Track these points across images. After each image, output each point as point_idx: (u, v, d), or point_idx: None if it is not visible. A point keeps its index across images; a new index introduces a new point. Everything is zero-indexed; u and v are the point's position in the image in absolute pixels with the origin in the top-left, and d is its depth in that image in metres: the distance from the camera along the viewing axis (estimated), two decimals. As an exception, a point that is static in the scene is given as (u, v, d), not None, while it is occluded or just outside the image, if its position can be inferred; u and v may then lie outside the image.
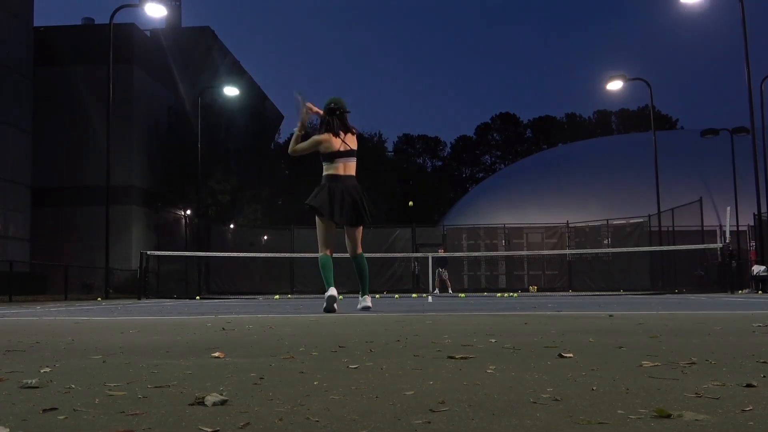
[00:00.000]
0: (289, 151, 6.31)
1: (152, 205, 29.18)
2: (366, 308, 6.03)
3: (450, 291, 20.52)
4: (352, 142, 6.09)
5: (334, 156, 5.98)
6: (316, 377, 1.69)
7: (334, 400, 1.37)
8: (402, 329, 3.45)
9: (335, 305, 5.75)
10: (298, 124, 6.22)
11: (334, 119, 6.04)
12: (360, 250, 6.20)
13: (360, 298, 6.18)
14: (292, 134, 6.33)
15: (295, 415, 1.22)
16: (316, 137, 6.09)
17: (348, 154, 6.03)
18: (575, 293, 19.40)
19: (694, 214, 19.80)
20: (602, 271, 23.89)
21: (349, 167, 6.04)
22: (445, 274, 20.98)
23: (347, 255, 6.26)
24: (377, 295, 17.61)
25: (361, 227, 6.19)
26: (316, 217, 6.07)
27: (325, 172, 6.06)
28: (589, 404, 1.29)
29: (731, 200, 22.32)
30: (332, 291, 5.82)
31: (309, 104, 6.22)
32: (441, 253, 20.68)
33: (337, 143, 5.99)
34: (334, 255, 6.14)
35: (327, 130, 6.02)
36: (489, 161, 74.66)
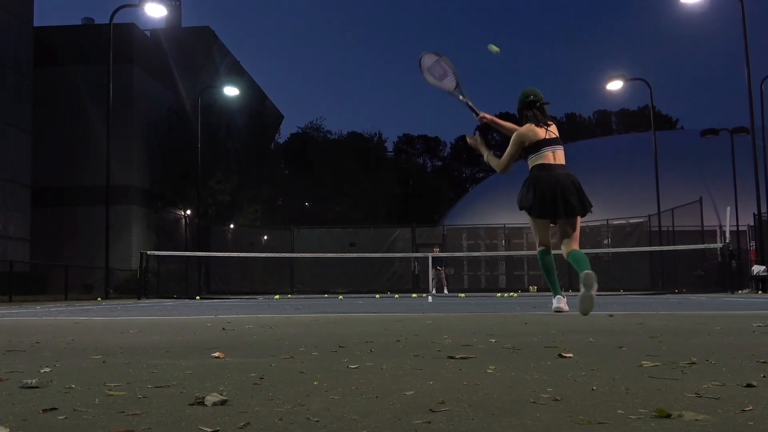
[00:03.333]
0: (499, 171, 5.80)
1: (152, 206, 29.17)
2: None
3: (446, 291, 20.30)
4: (555, 131, 5.56)
5: (541, 145, 5.41)
6: (316, 377, 1.69)
7: (334, 400, 1.37)
8: (402, 329, 3.45)
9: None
10: (481, 150, 5.86)
11: (535, 112, 5.52)
12: (577, 246, 5.35)
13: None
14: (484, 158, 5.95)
15: (295, 415, 1.22)
16: (516, 133, 5.52)
17: (555, 141, 5.48)
18: (575, 293, 19.39)
19: (694, 214, 19.80)
20: (602, 271, 23.82)
21: (558, 155, 5.46)
22: (443, 273, 20.89)
23: (346, 254, 6.04)
24: (377, 295, 17.61)
25: (579, 219, 5.42)
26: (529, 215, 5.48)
27: (532, 164, 5.45)
28: (589, 404, 1.29)
29: (731, 200, 22.31)
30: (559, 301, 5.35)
31: (483, 114, 5.83)
32: (436, 252, 20.59)
33: (541, 132, 5.43)
34: (334, 255, 5.96)
35: (527, 122, 5.50)
36: (489, 161, 74.55)
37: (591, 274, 4.91)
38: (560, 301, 5.30)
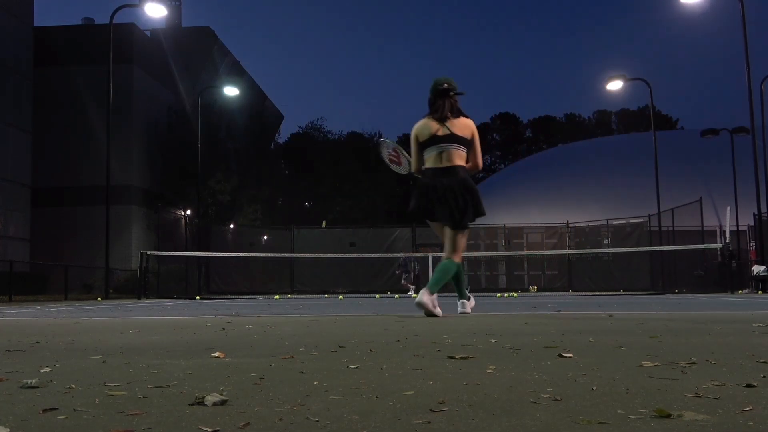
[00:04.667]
0: (413, 171, 5.20)
1: (152, 205, 29.19)
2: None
3: (411, 292, 19.97)
4: (459, 128, 4.89)
5: (431, 143, 4.86)
6: (316, 377, 1.69)
7: (334, 400, 1.37)
8: (402, 329, 3.45)
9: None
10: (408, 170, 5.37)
11: (443, 102, 4.91)
12: (457, 258, 5.02)
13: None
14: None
15: (295, 415, 1.22)
16: (413, 130, 5.04)
17: (448, 139, 4.83)
18: (575, 293, 19.41)
19: (694, 214, 19.81)
20: (602, 271, 23.89)
21: (450, 155, 4.83)
22: (406, 277, 20.54)
23: (346, 254, 5.99)
24: (377, 295, 17.60)
25: (460, 233, 4.98)
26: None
27: (423, 166, 4.99)
28: (589, 404, 1.29)
29: (731, 200, 22.32)
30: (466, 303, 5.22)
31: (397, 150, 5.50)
32: (402, 256, 20.36)
33: (434, 126, 4.86)
34: (334, 255, 5.93)
35: (430, 113, 4.98)
36: (489, 161, 74.62)
37: (464, 302, 5.24)
38: (465, 306, 5.20)
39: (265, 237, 27.24)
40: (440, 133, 4.83)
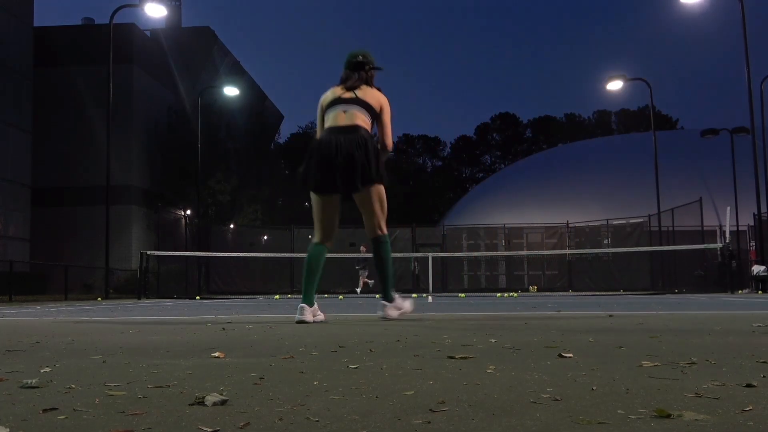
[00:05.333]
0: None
1: (152, 205, 29.21)
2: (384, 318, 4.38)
3: (358, 292, 19.59)
4: (369, 97, 4.32)
5: (333, 104, 4.30)
6: (316, 377, 1.69)
7: (334, 400, 1.37)
8: (402, 329, 3.45)
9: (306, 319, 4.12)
10: None
11: (359, 74, 4.39)
12: (380, 231, 4.38)
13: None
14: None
15: (295, 415, 1.22)
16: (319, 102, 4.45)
17: (352, 101, 4.27)
18: (575, 293, 19.41)
19: (694, 214, 19.82)
20: (602, 271, 23.90)
21: (352, 115, 4.22)
22: (365, 274, 20.16)
23: (346, 254, 5.39)
24: (377, 295, 17.60)
25: (372, 194, 4.28)
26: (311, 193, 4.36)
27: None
28: (589, 404, 1.29)
29: (731, 200, 22.33)
30: (306, 312, 4.14)
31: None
32: (363, 252, 19.61)
33: (339, 91, 4.35)
34: (334, 255, 5.70)
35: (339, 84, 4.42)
36: (489, 161, 74.67)
37: (385, 304, 4.37)
38: (305, 312, 4.11)
39: (265, 237, 27.24)
40: (345, 96, 4.29)
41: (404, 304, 4.46)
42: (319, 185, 4.21)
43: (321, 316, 4.28)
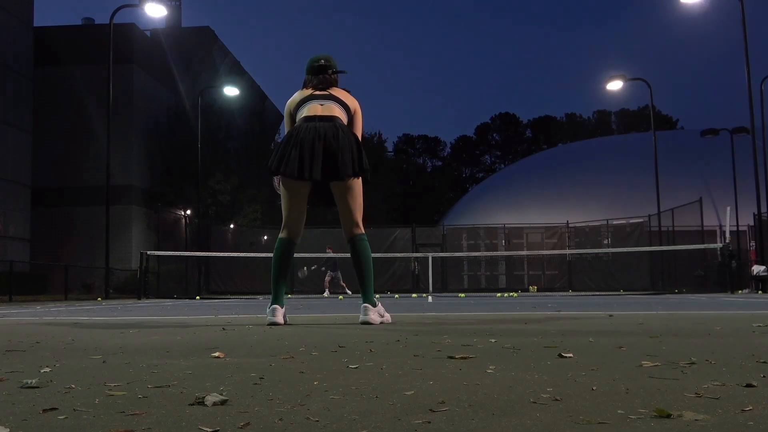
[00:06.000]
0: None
1: (152, 205, 29.23)
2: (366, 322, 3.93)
3: (326, 293, 19.28)
4: (342, 95, 4.13)
5: (306, 100, 4.07)
6: (316, 377, 1.69)
7: (334, 400, 1.37)
8: (402, 329, 3.45)
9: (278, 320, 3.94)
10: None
11: (320, 77, 4.17)
12: (358, 230, 4.11)
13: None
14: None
15: (295, 415, 1.22)
16: (286, 106, 4.22)
17: (326, 97, 4.07)
18: (575, 293, 19.41)
19: (694, 214, 19.82)
20: (602, 271, 23.90)
21: (328, 107, 4.02)
22: (331, 276, 19.73)
23: (346, 254, 4.76)
24: (377, 295, 17.58)
25: (355, 186, 4.04)
26: (278, 183, 4.12)
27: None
28: (589, 404, 1.29)
29: (731, 200, 22.33)
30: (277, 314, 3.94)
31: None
32: (329, 253, 19.42)
33: (307, 91, 4.13)
34: (334, 255, 5.55)
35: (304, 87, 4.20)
36: (489, 161, 74.71)
37: (368, 307, 3.94)
38: (277, 313, 3.92)
39: (265, 237, 27.24)
40: (318, 93, 4.08)
41: (386, 313, 4.12)
42: (296, 170, 3.84)
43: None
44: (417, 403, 1.33)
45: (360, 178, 4.02)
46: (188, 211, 27.47)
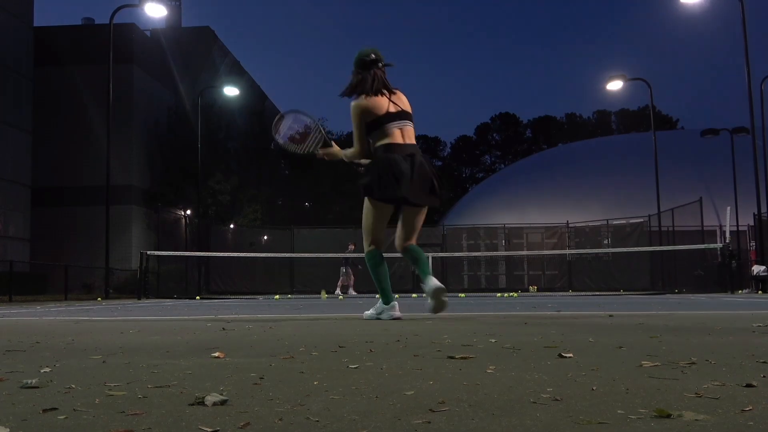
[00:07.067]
0: (361, 158, 4.58)
1: (152, 205, 29.21)
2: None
3: (352, 292, 19.16)
4: (403, 102, 4.49)
5: (384, 120, 4.37)
6: (316, 377, 1.69)
7: (334, 400, 1.37)
8: (402, 329, 3.45)
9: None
10: (335, 156, 4.77)
11: (375, 73, 4.41)
12: (413, 241, 4.69)
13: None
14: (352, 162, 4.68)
15: (295, 415, 1.22)
16: (353, 107, 4.45)
17: (402, 116, 4.42)
18: (575, 293, 19.41)
19: (694, 214, 19.81)
20: (602, 271, 23.89)
21: (407, 133, 4.44)
22: (348, 271, 19.35)
23: (346, 254, 5.39)
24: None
25: (423, 212, 4.64)
26: (368, 202, 4.50)
27: (377, 144, 4.41)
28: (589, 404, 1.29)
29: (731, 200, 22.32)
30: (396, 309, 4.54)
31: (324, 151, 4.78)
32: (351, 249, 18.85)
33: (383, 103, 4.39)
34: (334, 255, 5.79)
35: (364, 91, 4.42)
36: (489, 161, 74.71)
37: (441, 288, 4.40)
38: (396, 309, 4.55)
39: (265, 237, 27.23)
40: (392, 109, 4.40)
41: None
42: (393, 196, 4.37)
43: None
44: (417, 403, 1.33)
45: None
46: (188, 211, 27.46)
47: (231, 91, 24.81)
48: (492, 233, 25.75)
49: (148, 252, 17.12)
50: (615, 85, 22.96)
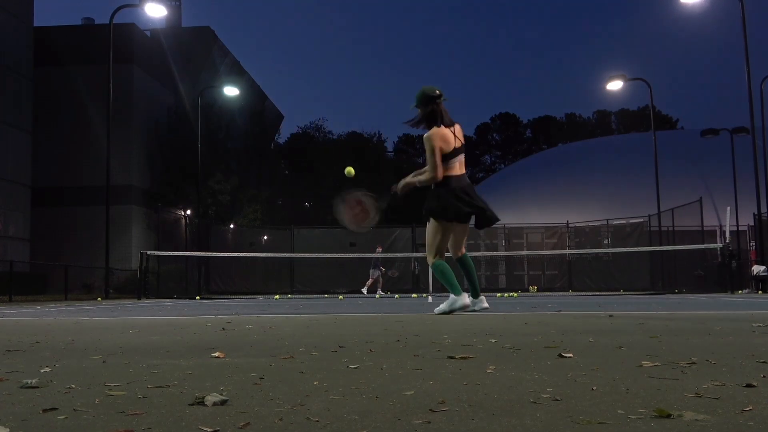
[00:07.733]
0: (439, 177, 5.21)
1: (152, 205, 29.19)
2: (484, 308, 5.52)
3: (380, 292, 19.64)
4: (461, 136, 5.32)
5: (451, 155, 5.17)
6: (316, 377, 1.69)
7: (334, 400, 1.37)
8: (402, 329, 3.45)
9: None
10: (409, 185, 5.61)
11: (443, 109, 5.18)
12: (464, 251, 5.61)
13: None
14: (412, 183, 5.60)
15: (295, 415, 1.22)
16: (431, 138, 5.14)
17: (461, 150, 5.28)
18: (575, 293, 19.41)
19: (694, 214, 19.80)
20: (602, 271, 23.88)
21: (462, 164, 5.30)
22: (376, 274, 20.09)
23: (346, 254, 5.98)
24: (377, 295, 17.60)
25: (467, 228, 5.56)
26: (435, 223, 5.35)
27: (445, 174, 5.21)
28: (589, 404, 1.29)
29: (731, 200, 22.31)
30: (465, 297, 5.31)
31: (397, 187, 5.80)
32: (379, 252, 19.76)
33: (451, 139, 5.17)
34: (334, 255, 5.96)
35: (434, 123, 5.15)
36: (489, 161, 74.70)
37: (487, 308, 5.50)
38: (466, 298, 5.30)
39: (265, 237, 27.23)
40: (457, 144, 5.20)
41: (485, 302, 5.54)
42: (461, 217, 5.24)
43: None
44: (417, 403, 1.33)
45: None
46: (188, 211, 27.45)
47: (231, 91, 24.80)
48: (492, 233, 25.72)
49: (148, 252, 17.12)
50: (615, 85, 22.95)
